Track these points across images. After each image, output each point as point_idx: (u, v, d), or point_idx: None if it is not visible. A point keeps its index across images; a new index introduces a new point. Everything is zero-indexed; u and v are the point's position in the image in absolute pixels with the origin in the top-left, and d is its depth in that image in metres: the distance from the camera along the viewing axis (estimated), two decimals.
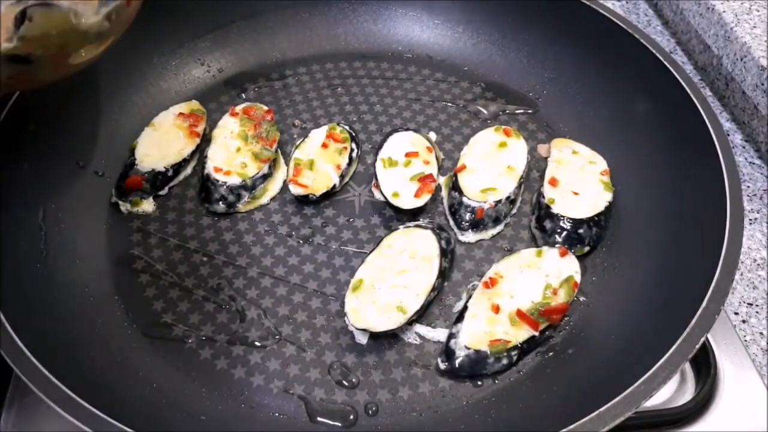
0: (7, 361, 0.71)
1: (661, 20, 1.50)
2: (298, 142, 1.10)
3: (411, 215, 1.01)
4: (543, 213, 0.99)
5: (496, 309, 0.87)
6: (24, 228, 0.92)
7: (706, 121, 0.92)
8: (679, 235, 0.91)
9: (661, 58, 1.01)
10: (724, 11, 1.23)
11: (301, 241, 1.01)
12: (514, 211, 1.04)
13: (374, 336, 0.89)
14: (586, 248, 0.97)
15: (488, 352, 0.84)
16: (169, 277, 0.96)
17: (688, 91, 0.96)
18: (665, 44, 1.43)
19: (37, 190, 0.96)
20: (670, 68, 0.99)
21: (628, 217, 1.00)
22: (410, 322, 0.89)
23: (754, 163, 1.19)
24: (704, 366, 0.87)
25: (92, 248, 0.97)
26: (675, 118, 0.99)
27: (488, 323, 0.86)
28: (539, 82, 1.21)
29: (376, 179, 1.04)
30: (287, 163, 1.09)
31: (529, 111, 1.19)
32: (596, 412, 0.68)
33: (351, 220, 1.04)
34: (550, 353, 0.88)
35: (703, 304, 0.75)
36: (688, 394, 0.87)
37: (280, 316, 0.92)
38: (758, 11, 1.22)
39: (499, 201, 1.00)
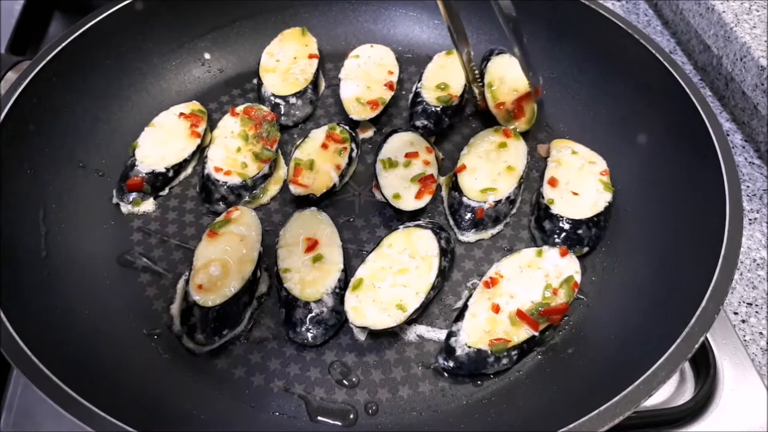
0: (7, 359, 0.71)
1: (661, 20, 1.50)
2: (298, 142, 1.10)
3: (411, 215, 1.01)
4: (542, 213, 0.99)
5: (497, 309, 0.87)
6: (24, 228, 0.92)
7: (706, 121, 0.92)
8: (678, 235, 0.91)
9: (661, 58, 1.01)
10: (724, 11, 1.23)
11: None
12: (514, 211, 1.04)
13: (374, 335, 0.89)
14: (585, 249, 0.97)
15: (489, 352, 0.84)
16: (170, 277, 0.96)
17: (688, 91, 0.96)
18: (665, 44, 1.43)
19: (37, 190, 0.96)
20: (670, 68, 0.99)
21: (628, 217, 1.00)
22: (410, 322, 0.89)
23: (754, 163, 1.20)
24: (704, 366, 0.88)
25: (92, 248, 0.97)
26: (674, 118, 0.99)
27: (488, 323, 0.86)
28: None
29: (377, 180, 1.04)
30: (287, 163, 1.09)
31: None
32: (596, 412, 0.68)
33: (351, 219, 1.04)
34: (550, 353, 0.88)
35: (703, 304, 0.75)
36: (687, 393, 0.87)
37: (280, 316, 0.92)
38: (758, 11, 1.22)
39: (499, 201, 1.00)
